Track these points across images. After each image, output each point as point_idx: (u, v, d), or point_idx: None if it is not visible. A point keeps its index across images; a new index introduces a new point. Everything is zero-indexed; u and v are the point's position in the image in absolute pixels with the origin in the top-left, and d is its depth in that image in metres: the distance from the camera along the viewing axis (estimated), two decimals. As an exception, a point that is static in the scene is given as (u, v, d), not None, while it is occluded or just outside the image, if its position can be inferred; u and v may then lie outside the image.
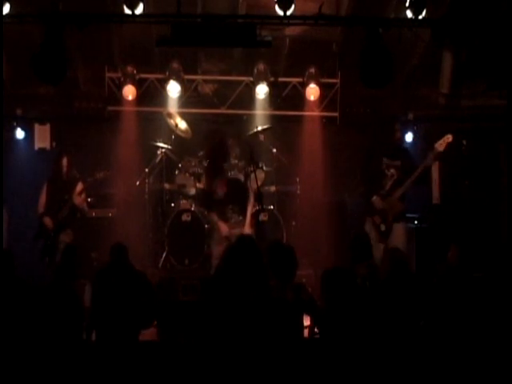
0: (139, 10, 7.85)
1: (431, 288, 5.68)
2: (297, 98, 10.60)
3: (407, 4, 8.01)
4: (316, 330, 6.34)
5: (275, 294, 6.30)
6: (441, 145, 8.84)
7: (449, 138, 8.85)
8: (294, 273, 6.57)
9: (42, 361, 4.34)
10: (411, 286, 6.31)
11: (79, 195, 9.35)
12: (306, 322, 6.47)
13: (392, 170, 8.90)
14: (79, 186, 9.38)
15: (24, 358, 4.29)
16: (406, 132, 10.86)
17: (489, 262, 8.70)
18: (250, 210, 8.95)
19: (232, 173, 9.87)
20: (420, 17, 7.98)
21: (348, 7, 9.32)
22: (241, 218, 9.05)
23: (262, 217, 9.32)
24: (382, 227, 8.82)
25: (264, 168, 10.14)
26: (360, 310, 5.35)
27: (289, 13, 7.88)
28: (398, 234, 8.74)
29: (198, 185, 10.08)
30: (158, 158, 10.36)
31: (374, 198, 8.88)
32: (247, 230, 8.95)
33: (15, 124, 10.67)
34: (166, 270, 9.92)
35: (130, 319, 5.57)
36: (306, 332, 6.43)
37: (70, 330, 4.82)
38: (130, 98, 10.27)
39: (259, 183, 8.69)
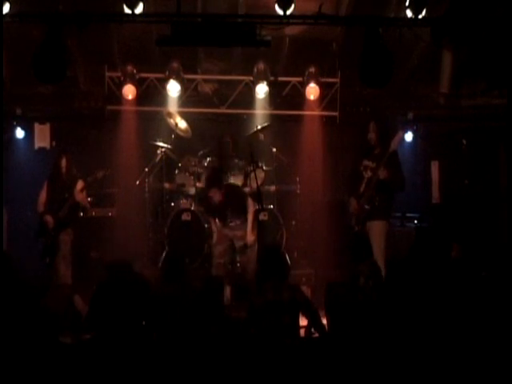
0: (139, 9, 7.85)
1: (437, 285, 5.67)
2: (297, 98, 10.60)
3: (407, 3, 8.01)
4: (312, 330, 6.37)
5: (271, 295, 6.33)
6: (394, 143, 8.66)
7: (400, 135, 8.74)
8: (287, 273, 6.62)
9: (38, 362, 4.34)
10: (411, 285, 6.31)
11: (81, 192, 9.36)
12: (303, 322, 6.50)
13: (369, 172, 8.73)
14: (79, 184, 9.37)
15: (20, 358, 4.30)
16: (406, 132, 10.87)
17: (489, 262, 8.70)
18: (250, 218, 9.00)
19: (232, 173, 9.89)
20: (420, 16, 7.98)
21: (348, 7, 9.32)
22: (241, 220, 9.11)
23: (262, 216, 9.32)
24: (356, 228, 8.71)
25: (264, 167, 10.14)
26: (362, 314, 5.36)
27: (288, 12, 7.87)
28: (372, 233, 8.49)
29: (197, 184, 10.09)
30: (158, 157, 10.36)
31: (351, 199, 8.80)
32: (249, 236, 9.01)
33: (15, 123, 10.68)
34: (166, 269, 9.92)
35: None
36: (302, 332, 6.48)
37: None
38: (130, 97, 10.27)
39: (259, 183, 8.72)
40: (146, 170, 10.35)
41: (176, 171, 10.30)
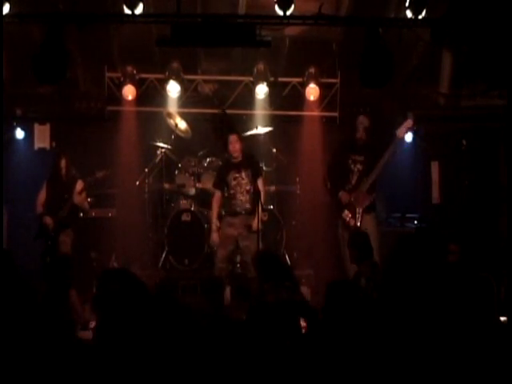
0: (139, 10, 7.85)
1: (433, 286, 5.67)
2: (297, 98, 10.59)
3: (407, 4, 8.01)
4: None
5: (271, 296, 6.33)
6: (401, 131, 9.02)
7: (409, 123, 9.06)
8: (287, 274, 6.63)
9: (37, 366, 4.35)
10: (410, 285, 6.30)
11: (79, 194, 9.36)
12: (302, 322, 6.50)
13: (358, 165, 9.08)
14: (79, 185, 9.38)
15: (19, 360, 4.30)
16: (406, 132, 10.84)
17: (488, 262, 8.70)
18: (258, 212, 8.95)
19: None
20: (420, 17, 7.98)
21: (348, 7, 9.33)
22: (248, 206, 8.98)
23: (262, 217, 9.32)
24: (352, 222, 8.91)
25: (264, 168, 10.14)
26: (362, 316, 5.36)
27: (288, 13, 7.87)
28: (366, 225, 8.81)
29: (197, 185, 10.10)
30: (158, 157, 10.37)
31: (341, 193, 9.03)
32: (255, 224, 8.95)
33: (15, 124, 10.68)
34: (166, 270, 9.92)
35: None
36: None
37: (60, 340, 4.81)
38: (130, 97, 10.26)
39: (259, 183, 8.73)
40: (146, 170, 10.35)
41: (176, 172, 10.30)
